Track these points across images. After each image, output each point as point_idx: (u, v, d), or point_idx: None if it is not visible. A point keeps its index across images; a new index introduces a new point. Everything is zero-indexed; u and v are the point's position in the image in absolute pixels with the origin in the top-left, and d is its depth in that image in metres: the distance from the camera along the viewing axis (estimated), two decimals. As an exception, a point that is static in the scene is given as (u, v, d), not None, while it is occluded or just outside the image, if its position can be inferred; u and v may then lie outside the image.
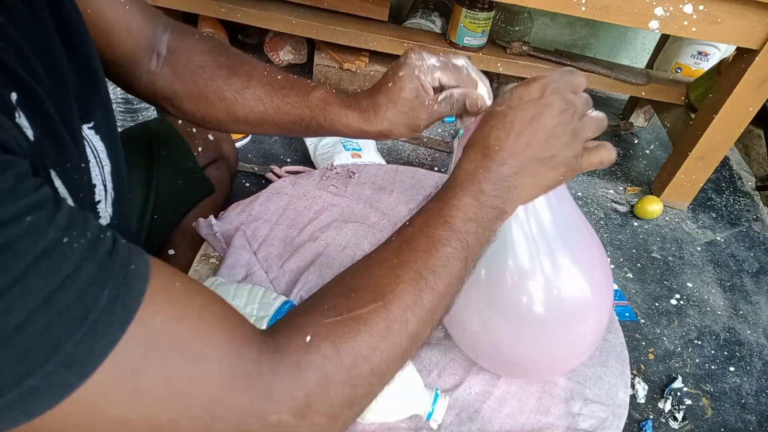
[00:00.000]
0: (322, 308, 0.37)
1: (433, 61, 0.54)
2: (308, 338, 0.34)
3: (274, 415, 0.32)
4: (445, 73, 0.54)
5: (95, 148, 0.49)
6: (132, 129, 0.85)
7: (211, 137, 0.89)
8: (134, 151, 0.79)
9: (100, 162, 0.49)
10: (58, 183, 0.35)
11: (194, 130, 0.87)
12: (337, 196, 0.77)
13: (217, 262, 0.66)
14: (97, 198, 0.49)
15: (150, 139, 0.81)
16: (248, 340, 0.33)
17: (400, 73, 0.54)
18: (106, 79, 0.53)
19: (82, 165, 0.44)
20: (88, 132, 0.48)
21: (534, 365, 0.56)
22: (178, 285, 0.31)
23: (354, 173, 0.82)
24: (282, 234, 0.70)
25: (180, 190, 0.81)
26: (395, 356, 0.37)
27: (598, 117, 0.49)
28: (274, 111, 0.58)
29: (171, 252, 0.79)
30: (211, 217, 0.70)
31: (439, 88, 0.55)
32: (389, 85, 0.54)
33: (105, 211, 0.50)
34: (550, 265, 0.50)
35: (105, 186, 0.50)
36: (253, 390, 0.31)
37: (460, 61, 0.56)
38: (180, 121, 0.86)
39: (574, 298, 0.51)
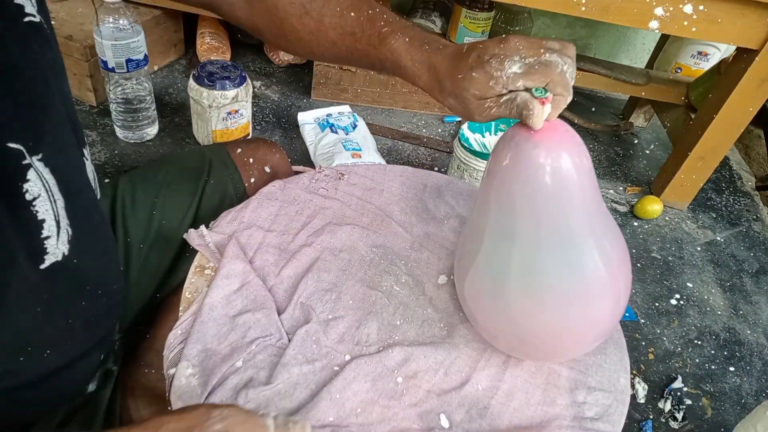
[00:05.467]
0: None
1: (515, 69, 0.47)
2: None
3: None
4: (531, 77, 0.47)
5: (46, 181, 0.46)
6: (187, 153, 0.82)
7: (267, 170, 0.86)
8: (183, 177, 0.77)
9: (52, 196, 0.47)
10: None
11: (251, 160, 0.83)
12: (327, 198, 0.77)
13: (213, 273, 0.65)
14: (45, 234, 0.46)
15: (202, 167, 0.79)
16: None
17: (474, 74, 0.48)
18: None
19: (22, 200, 0.42)
20: (38, 164, 0.45)
21: (553, 344, 0.56)
22: None
23: (343, 174, 0.81)
24: (276, 241, 0.70)
25: None
26: None
27: None
28: (347, 54, 0.56)
29: None
30: (203, 227, 0.69)
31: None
32: (459, 76, 0.49)
33: (56, 248, 0.47)
34: (571, 243, 0.51)
35: (57, 222, 0.47)
36: None
37: (554, 56, 0.47)
38: (239, 150, 0.83)
39: (595, 275, 0.51)
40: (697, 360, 1.06)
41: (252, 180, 0.83)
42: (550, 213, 0.50)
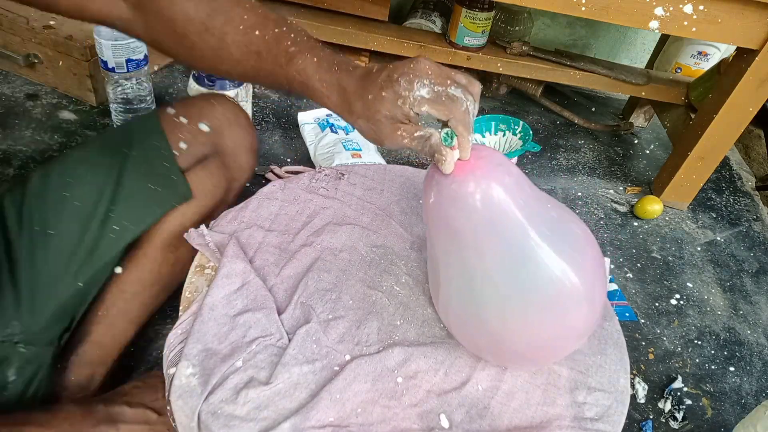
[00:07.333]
0: None
1: (423, 92, 0.48)
2: None
3: None
4: (435, 106, 0.49)
5: None
6: (115, 129, 0.78)
7: (205, 128, 0.77)
8: (101, 152, 0.72)
9: None
10: None
11: (183, 120, 0.76)
12: (328, 198, 0.77)
13: (213, 272, 0.65)
14: None
15: (124, 140, 0.73)
16: None
17: (384, 93, 0.49)
18: None
19: None
20: None
21: (536, 354, 0.56)
22: None
23: (343, 174, 0.82)
24: (276, 240, 0.70)
25: (148, 196, 0.71)
26: None
27: None
28: (254, 73, 0.55)
29: (134, 264, 0.72)
30: (203, 227, 0.69)
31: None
32: (369, 97, 0.49)
33: None
34: (524, 257, 0.51)
35: None
36: None
37: (458, 91, 0.49)
38: (174, 112, 0.76)
39: (559, 281, 0.51)
40: (697, 360, 1.06)
41: (183, 145, 0.75)
42: (489, 239, 0.51)
